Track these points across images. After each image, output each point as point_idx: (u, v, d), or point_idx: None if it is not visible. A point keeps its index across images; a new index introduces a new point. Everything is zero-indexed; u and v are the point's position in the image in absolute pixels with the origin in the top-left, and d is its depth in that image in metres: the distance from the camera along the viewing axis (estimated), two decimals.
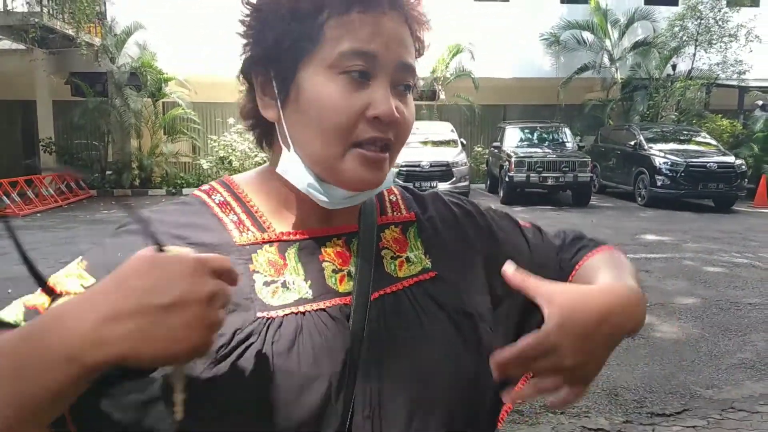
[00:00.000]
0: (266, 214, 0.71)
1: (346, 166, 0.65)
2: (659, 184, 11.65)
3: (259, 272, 0.66)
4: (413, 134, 6.63)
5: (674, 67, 15.93)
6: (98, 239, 0.64)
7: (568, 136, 13.72)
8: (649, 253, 7.30)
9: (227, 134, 15.42)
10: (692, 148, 12.49)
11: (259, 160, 15.34)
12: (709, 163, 11.52)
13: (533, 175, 11.92)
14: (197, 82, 14.86)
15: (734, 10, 15.24)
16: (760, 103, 15.25)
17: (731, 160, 11.70)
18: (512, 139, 13.48)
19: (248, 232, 0.68)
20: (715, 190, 11.50)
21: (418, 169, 11.59)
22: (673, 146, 12.41)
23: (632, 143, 12.75)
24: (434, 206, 0.81)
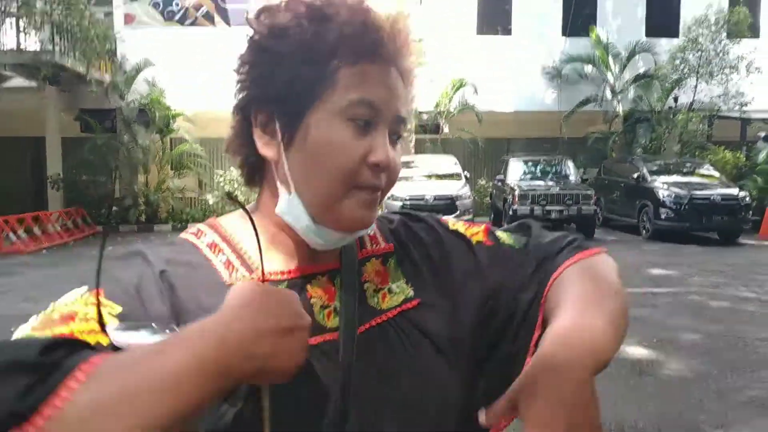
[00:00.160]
0: (253, 255, 0.71)
1: (344, 207, 0.67)
2: (663, 216, 11.63)
3: None
4: (417, 167, 6.70)
5: (676, 99, 16.05)
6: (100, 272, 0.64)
7: (571, 169, 13.78)
8: (654, 287, 7.26)
9: (233, 169, 15.50)
10: (696, 180, 12.49)
11: None
12: (713, 195, 11.51)
13: (537, 208, 11.94)
14: (204, 117, 15.04)
15: (734, 41, 15.39)
16: (762, 134, 15.28)
17: (735, 192, 11.69)
18: (516, 172, 13.55)
19: (237, 272, 0.70)
20: (719, 222, 11.47)
21: (422, 202, 11.65)
22: (676, 178, 12.43)
23: (635, 176, 12.77)
24: (406, 234, 0.82)
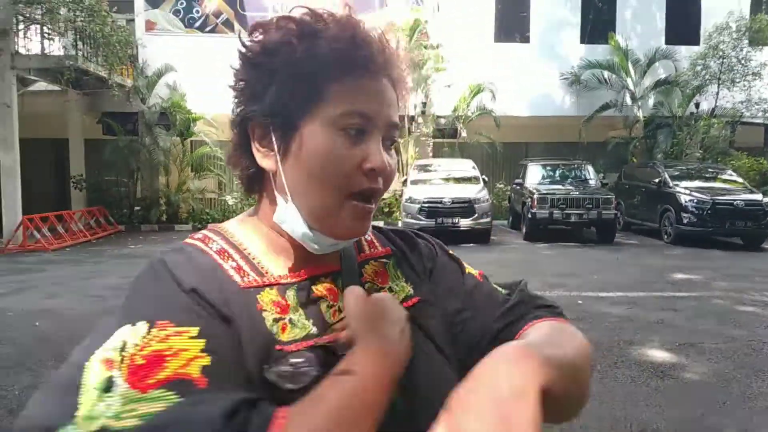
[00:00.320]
0: (261, 259, 0.74)
1: (341, 217, 0.71)
2: (685, 221, 11.49)
3: (266, 311, 0.70)
4: (435, 171, 6.67)
5: (697, 105, 15.88)
6: (138, 302, 0.65)
7: (591, 173, 13.67)
8: (677, 291, 7.16)
9: None
10: (718, 185, 12.34)
11: None
12: (736, 200, 11.34)
13: (556, 211, 11.86)
14: (224, 121, 15.04)
15: (756, 49, 15.22)
16: None
17: (759, 198, 11.51)
18: (534, 176, 13.48)
19: (248, 276, 0.72)
20: (743, 228, 11.29)
21: (440, 205, 11.62)
22: (698, 184, 12.27)
23: (657, 180, 12.64)
24: (403, 242, 0.88)
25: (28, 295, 7.14)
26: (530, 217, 12.14)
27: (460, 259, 0.89)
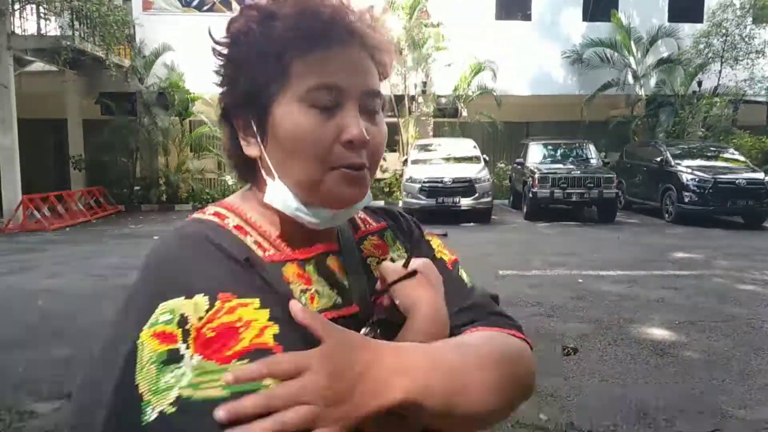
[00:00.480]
0: (274, 236, 0.75)
1: (327, 186, 0.70)
2: (687, 200, 11.47)
3: (293, 283, 0.71)
4: (435, 151, 6.63)
5: (700, 83, 15.76)
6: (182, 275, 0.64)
7: (592, 152, 13.61)
8: (678, 270, 7.17)
9: None
10: (720, 164, 12.28)
11: None
12: (738, 179, 11.30)
13: (557, 191, 11.84)
14: None
15: (760, 26, 15.05)
16: None
17: (760, 176, 11.46)
18: (535, 155, 13.43)
19: (269, 251, 0.72)
20: (744, 206, 11.27)
21: (440, 184, 11.59)
22: (700, 162, 12.22)
23: (658, 159, 12.59)
24: (394, 217, 0.91)
25: (29, 274, 7.15)
26: (531, 196, 12.13)
27: (434, 244, 0.89)
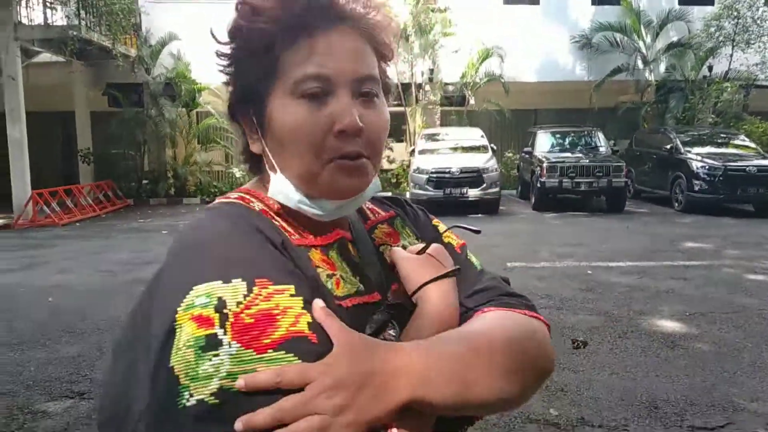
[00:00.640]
0: (294, 221, 0.74)
1: (325, 178, 0.69)
2: (697, 188, 11.36)
3: (319, 267, 0.71)
4: (443, 140, 6.58)
5: (710, 68, 15.57)
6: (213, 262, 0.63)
7: (601, 140, 13.50)
8: (687, 260, 7.13)
9: None
10: (731, 151, 12.17)
11: None
12: (748, 166, 11.17)
13: (566, 180, 11.76)
14: None
15: None
16: None
17: None
18: (544, 144, 13.33)
19: (294, 236, 0.72)
20: (755, 194, 11.15)
21: (447, 175, 11.53)
22: (710, 149, 12.11)
23: (668, 147, 12.48)
24: (402, 206, 0.91)
25: (40, 270, 7.21)
26: (539, 186, 12.06)
27: (441, 229, 0.90)
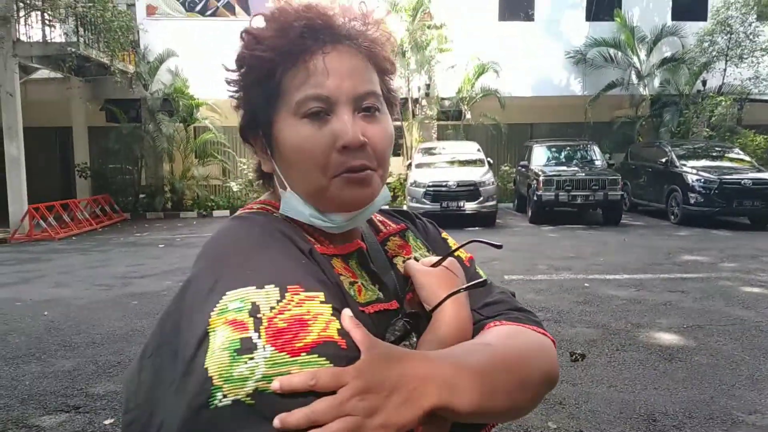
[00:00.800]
0: (313, 232, 0.77)
1: (333, 192, 0.72)
2: (692, 201, 11.42)
3: (342, 275, 0.74)
4: (439, 154, 6.64)
5: (704, 82, 15.70)
6: (239, 265, 0.66)
7: (597, 153, 13.57)
8: (684, 272, 7.14)
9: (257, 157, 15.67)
10: (726, 164, 12.23)
11: None
12: (743, 179, 11.24)
13: (562, 193, 11.81)
14: (227, 106, 14.87)
15: (765, 23, 14.99)
16: None
17: (766, 176, 11.40)
18: (540, 157, 13.40)
19: (317, 244, 0.75)
20: (750, 207, 11.20)
21: (444, 188, 11.56)
22: (705, 163, 12.18)
23: (663, 160, 12.54)
24: (412, 220, 0.94)
25: (36, 284, 7.17)
26: (536, 199, 12.09)
27: (450, 242, 0.93)
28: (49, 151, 17.53)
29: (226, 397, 0.56)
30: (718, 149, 13.26)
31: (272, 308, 0.60)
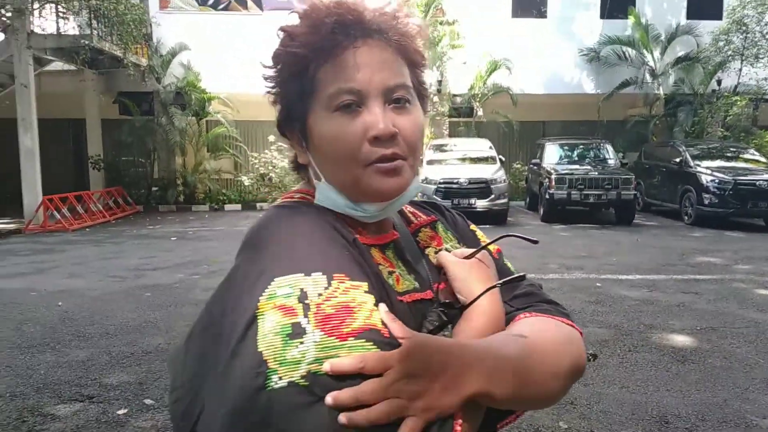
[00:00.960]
0: (353, 222, 0.79)
1: (365, 182, 0.74)
2: (706, 202, 11.32)
3: (381, 264, 0.77)
4: (451, 151, 6.62)
5: (719, 82, 15.55)
6: (288, 251, 0.68)
7: (610, 152, 13.48)
8: (697, 274, 7.08)
9: (267, 151, 15.72)
10: (740, 165, 12.11)
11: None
12: (758, 180, 11.12)
13: (574, 192, 11.74)
14: (239, 100, 15.21)
15: None
16: None
17: None
18: (552, 155, 13.33)
19: (351, 233, 0.76)
20: (765, 208, 11.10)
21: (456, 186, 11.53)
22: (720, 163, 12.06)
23: (677, 160, 12.45)
24: (442, 211, 0.96)
25: (50, 275, 7.24)
26: (548, 198, 12.04)
27: (479, 234, 0.96)
28: (62, 142, 17.66)
29: (281, 379, 0.58)
30: (732, 150, 13.12)
31: (320, 295, 0.63)
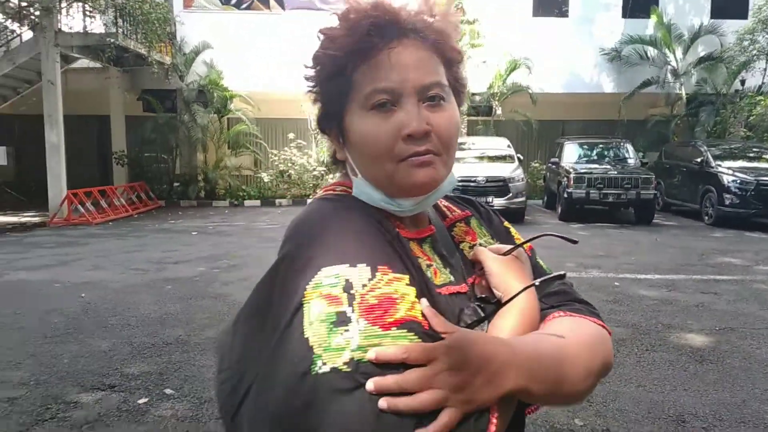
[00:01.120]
0: (393, 216, 0.81)
1: (400, 176, 0.76)
2: (728, 203, 11.17)
3: (419, 257, 0.79)
4: (468, 149, 6.64)
5: (743, 82, 15.31)
6: (331, 243, 0.71)
7: (630, 152, 13.35)
8: (717, 274, 7.01)
9: (287, 149, 15.85)
10: (763, 165, 11.90)
11: (316, 173, 15.65)
12: None
13: (593, 191, 11.66)
14: (260, 99, 15.35)
15: None
16: None
17: None
18: (571, 154, 13.24)
19: (396, 228, 0.79)
20: None
21: (473, 184, 11.50)
22: (742, 164, 11.88)
23: (698, 160, 12.29)
24: (476, 207, 0.98)
25: (73, 267, 7.40)
26: (566, 196, 11.97)
27: (513, 230, 0.98)
28: (87, 138, 17.95)
29: (325, 364, 0.61)
30: (755, 150, 12.91)
31: (364, 285, 0.66)
